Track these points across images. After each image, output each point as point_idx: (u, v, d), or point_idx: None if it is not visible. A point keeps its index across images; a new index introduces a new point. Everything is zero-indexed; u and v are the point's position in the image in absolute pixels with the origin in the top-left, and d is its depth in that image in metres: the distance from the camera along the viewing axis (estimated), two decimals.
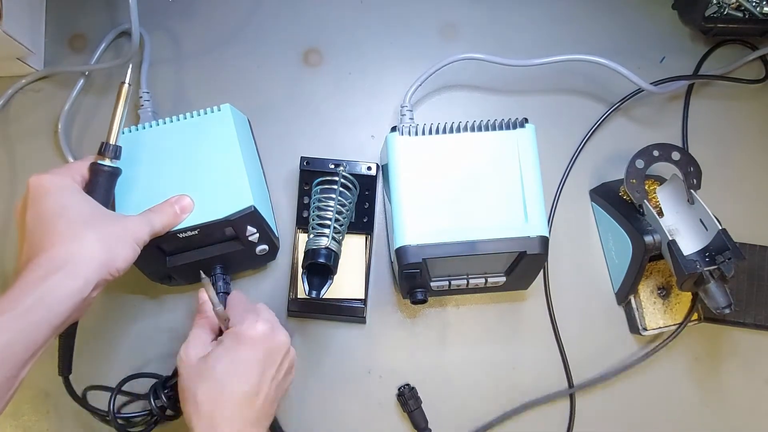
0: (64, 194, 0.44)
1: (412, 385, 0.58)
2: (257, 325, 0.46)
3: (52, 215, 0.42)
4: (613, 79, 0.61)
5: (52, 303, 0.39)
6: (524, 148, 0.52)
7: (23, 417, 0.58)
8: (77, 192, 0.45)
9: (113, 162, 0.48)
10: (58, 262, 0.40)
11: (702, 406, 0.60)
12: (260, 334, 0.46)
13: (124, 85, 0.49)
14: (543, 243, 0.50)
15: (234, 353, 0.46)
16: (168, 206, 0.50)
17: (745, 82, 0.64)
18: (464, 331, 0.60)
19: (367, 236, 0.60)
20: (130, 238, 0.45)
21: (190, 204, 0.51)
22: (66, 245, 0.41)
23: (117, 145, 0.48)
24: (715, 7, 0.63)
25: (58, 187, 0.44)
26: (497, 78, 0.64)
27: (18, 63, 0.61)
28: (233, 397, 0.44)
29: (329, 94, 0.64)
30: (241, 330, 0.46)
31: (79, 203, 0.44)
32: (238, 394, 0.45)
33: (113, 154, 0.48)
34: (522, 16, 0.66)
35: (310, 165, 0.59)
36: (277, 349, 0.47)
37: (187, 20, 0.65)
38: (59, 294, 0.40)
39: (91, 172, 0.48)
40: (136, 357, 0.59)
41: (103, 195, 0.48)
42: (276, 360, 0.47)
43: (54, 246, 0.40)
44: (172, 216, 0.50)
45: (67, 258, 0.40)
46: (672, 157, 0.56)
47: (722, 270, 0.51)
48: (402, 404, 0.58)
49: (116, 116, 0.49)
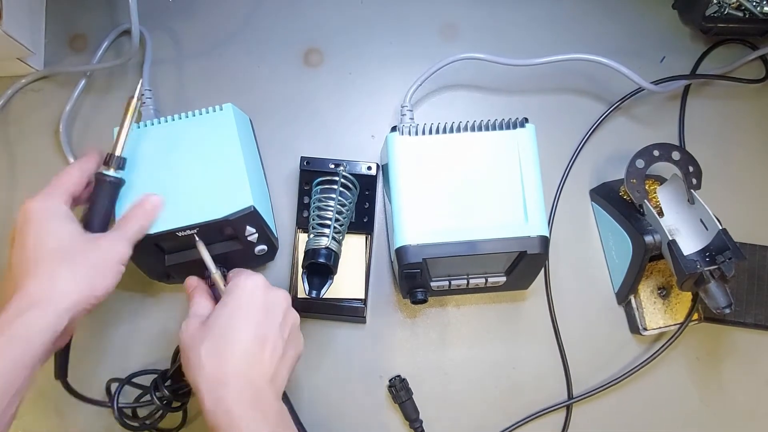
0: (45, 223, 0.44)
1: (403, 376, 0.58)
2: (253, 276, 0.47)
3: (32, 247, 0.43)
4: (614, 78, 0.61)
5: (27, 340, 0.40)
6: (524, 148, 0.52)
7: (24, 417, 0.58)
8: (60, 218, 0.45)
9: (117, 173, 0.49)
10: (32, 299, 0.41)
11: (702, 405, 0.60)
12: (258, 283, 0.46)
13: (132, 99, 0.50)
14: (543, 243, 0.50)
15: (233, 304, 0.45)
16: (138, 209, 0.49)
17: (746, 81, 0.64)
18: (464, 331, 0.60)
19: (368, 236, 0.60)
20: (111, 262, 0.46)
21: (158, 200, 0.50)
22: (40, 282, 0.41)
23: (122, 156, 0.50)
24: (715, 6, 0.63)
25: (42, 215, 0.44)
26: (497, 78, 0.64)
27: (18, 63, 0.61)
28: (238, 346, 0.43)
29: (329, 94, 0.64)
30: (238, 282, 0.46)
31: (58, 233, 0.44)
32: (243, 342, 0.43)
33: (117, 165, 0.49)
34: (522, 16, 0.66)
35: (310, 165, 0.59)
36: (276, 301, 0.47)
37: (188, 20, 0.65)
38: (33, 331, 0.40)
39: (96, 181, 0.49)
40: (135, 355, 0.59)
41: (106, 206, 0.49)
42: (277, 312, 0.47)
43: (30, 282, 0.41)
44: (144, 218, 0.49)
45: (40, 296, 0.41)
46: (672, 157, 0.56)
47: (722, 270, 0.51)
48: (393, 396, 0.58)
49: (123, 129, 0.50)
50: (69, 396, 0.54)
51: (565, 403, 0.59)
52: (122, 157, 0.50)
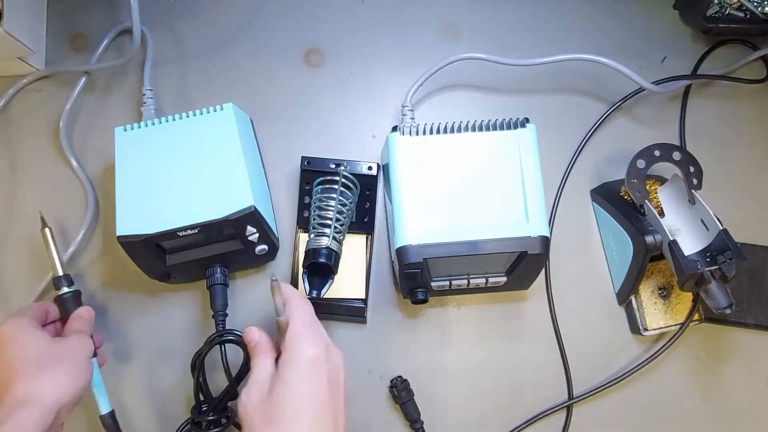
0: (20, 338, 0.48)
1: (404, 377, 0.58)
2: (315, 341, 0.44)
3: (12, 360, 0.46)
4: (614, 79, 0.61)
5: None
6: (525, 148, 0.52)
7: None
8: (31, 331, 0.48)
9: (70, 287, 0.54)
10: (20, 399, 0.44)
11: (703, 406, 0.60)
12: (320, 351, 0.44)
13: (44, 230, 0.55)
14: (544, 243, 0.50)
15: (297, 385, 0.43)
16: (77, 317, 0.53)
17: (747, 82, 0.64)
18: (465, 331, 0.60)
19: (368, 236, 0.60)
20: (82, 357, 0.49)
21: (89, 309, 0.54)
22: (24, 385, 0.45)
23: (66, 274, 0.55)
24: (716, 7, 0.63)
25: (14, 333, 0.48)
26: (498, 78, 0.64)
27: (19, 62, 0.61)
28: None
29: (330, 94, 0.64)
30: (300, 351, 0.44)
31: (33, 343, 0.48)
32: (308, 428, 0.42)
33: (67, 282, 0.54)
34: (523, 16, 0.66)
35: (311, 165, 0.59)
36: (337, 367, 0.45)
37: (189, 19, 0.65)
38: (25, 425, 0.43)
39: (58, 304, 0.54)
40: (135, 354, 0.59)
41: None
42: (339, 384, 0.45)
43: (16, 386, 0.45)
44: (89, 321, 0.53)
45: (27, 397, 0.44)
46: (673, 157, 0.56)
47: (723, 270, 0.51)
48: (394, 396, 0.58)
49: (52, 253, 0.55)
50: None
51: (565, 403, 0.59)
52: (66, 274, 0.55)
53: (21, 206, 0.61)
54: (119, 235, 0.52)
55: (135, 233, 0.51)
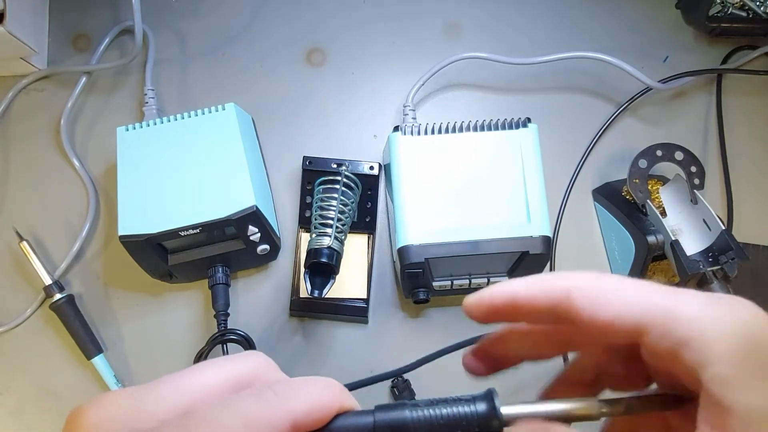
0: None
1: (405, 377, 0.58)
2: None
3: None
4: (616, 77, 0.61)
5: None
6: (527, 148, 0.52)
7: (26, 416, 0.58)
8: None
9: (62, 293, 0.56)
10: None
11: None
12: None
13: (22, 243, 0.57)
14: (545, 243, 0.50)
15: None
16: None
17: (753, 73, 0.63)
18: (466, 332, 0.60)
19: (370, 236, 0.60)
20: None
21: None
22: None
23: (55, 281, 0.56)
24: (718, 6, 0.63)
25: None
26: (500, 77, 0.64)
27: (21, 62, 0.61)
28: None
29: (332, 94, 0.64)
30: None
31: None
32: None
33: (58, 288, 0.56)
34: (524, 15, 0.66)
35: (312, 164, 0.59)
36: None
37: (190, 19, 0.65)
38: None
39: (56, 311, 0.56)
40: (137, 354, 0.59)
41: (77, 324, 0.56)
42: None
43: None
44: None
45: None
46: (675, 157, 0.56)
47: (725, 270, 0.51)
48: (395, 396, 0.58)
49: (36, 266, 0.56)
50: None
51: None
52: (56, 281, 0.56)
53: (21, 206, 0.61)
54: (121, 234, 0.52)
55: (137, 233, 0.51)
